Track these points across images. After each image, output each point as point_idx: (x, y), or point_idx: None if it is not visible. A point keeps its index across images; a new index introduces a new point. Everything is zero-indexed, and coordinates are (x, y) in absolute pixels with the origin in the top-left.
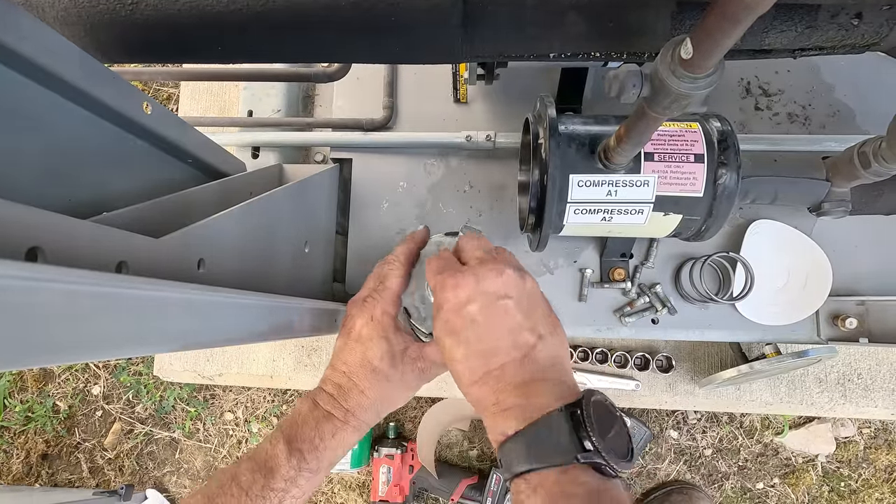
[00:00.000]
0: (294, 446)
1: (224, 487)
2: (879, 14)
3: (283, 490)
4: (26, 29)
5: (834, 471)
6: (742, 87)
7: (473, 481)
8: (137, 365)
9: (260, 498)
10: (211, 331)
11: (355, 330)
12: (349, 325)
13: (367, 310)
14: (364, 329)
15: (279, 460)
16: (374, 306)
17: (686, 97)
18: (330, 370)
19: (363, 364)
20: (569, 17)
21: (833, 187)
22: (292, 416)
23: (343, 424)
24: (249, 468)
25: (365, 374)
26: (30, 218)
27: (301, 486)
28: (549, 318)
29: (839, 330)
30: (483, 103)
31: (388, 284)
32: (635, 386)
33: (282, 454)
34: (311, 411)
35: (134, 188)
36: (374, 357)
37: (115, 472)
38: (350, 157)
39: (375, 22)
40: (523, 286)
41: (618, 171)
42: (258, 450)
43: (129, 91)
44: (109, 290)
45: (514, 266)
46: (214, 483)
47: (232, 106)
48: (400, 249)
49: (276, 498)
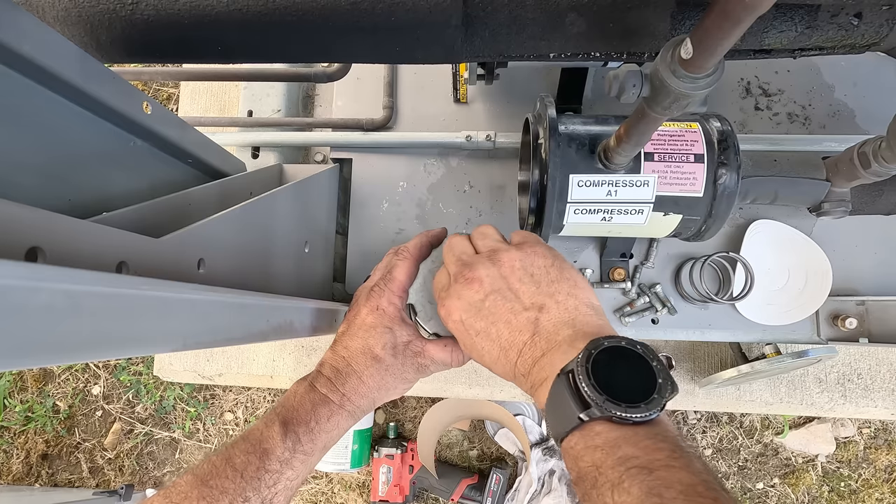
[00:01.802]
0: (290, 428)
1: (217, 469)
2: (879, 14)
3: (278, 472)
4: (26, 29)
5: (834, 471)
6: (742, 87)
7: (473, 481)
8: (137, 365)
9: (255, 479)
10: (211, 331)
11: (360, 317)
12: (354, 311)
13: (374, 298)
14: (369, 317)
15: (274, 441)
16: (380, 295)
17: (686, 97)
18: (330, 353)
19: (364, 351)
20: (569, 18)
21: (833, 187)
22: (287, 398)
23: (339, 409)
24: (243, 449)
25: (365, 361)
26: (30, 218)
27: (295, 469)
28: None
29: (839, 330)
30: (483, 103)
31: (396, 275)
32: None
33: (277, 435)
34: (307, 393)
35: (134, 188)
36: (377, 345)
37: (115, 472)
38: (350, 157)
39: (375, 22)
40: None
41: (618, 171)
42: (252, 431)
43: (129, 91)
44: (109, 290)
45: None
46: (207, 465)
47: (232, 106)
48: (413, 242)
49: (270, 479)
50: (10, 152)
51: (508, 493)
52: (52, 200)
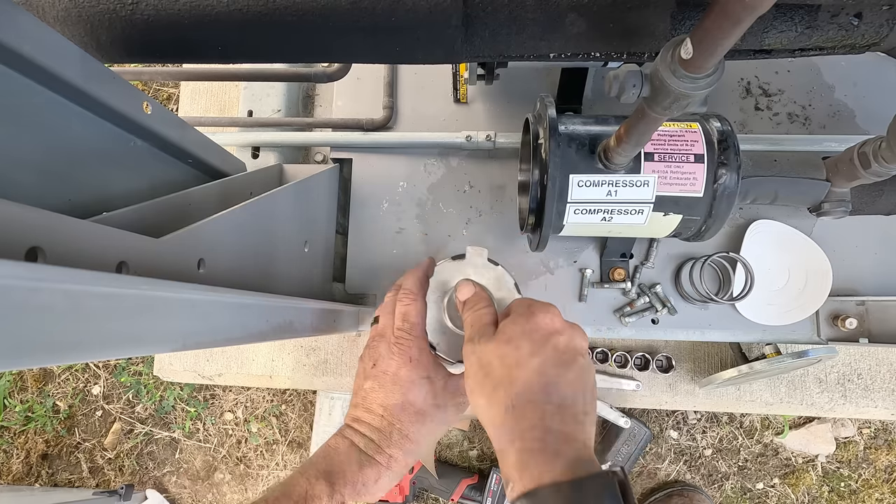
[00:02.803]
0: (336, 489)
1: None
2: (879, 14)
3: None
4: (26, 29)
5: (834, 471)
6: (742, 87)
7: (473, 481)
8: (137, 365)
9: None
10: (211, 331)
11: (391, 372)
12: (383, 367)
13: (403, 351)
14: (402, 370)
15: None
16: (409, 346)
17: (686, 97)
18: (364, 412)
19: (405, 408)
20: (569, 18)
21: (833, 187)
22: (329, 455)
23: (386, 469)
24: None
25: (408, 418)
26: (30, 218)
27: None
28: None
29: (839, 330)
30: (483, 103)
31: (414, 321)
32: (635, 386)
33: (324, 495)
34: (350, 452)
35: (134, 188)
36: (418, 399)
37: (115, 472)
38: (350, 157)
39: (375, 22)
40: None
41: (618, 171)
42: (293, 486)
43: (129, 91)
44: (109, 290)
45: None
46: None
47: (232, 106)
48: (410, 282)
49: None
50: (10, 152)
51: None
52: (52, 200)
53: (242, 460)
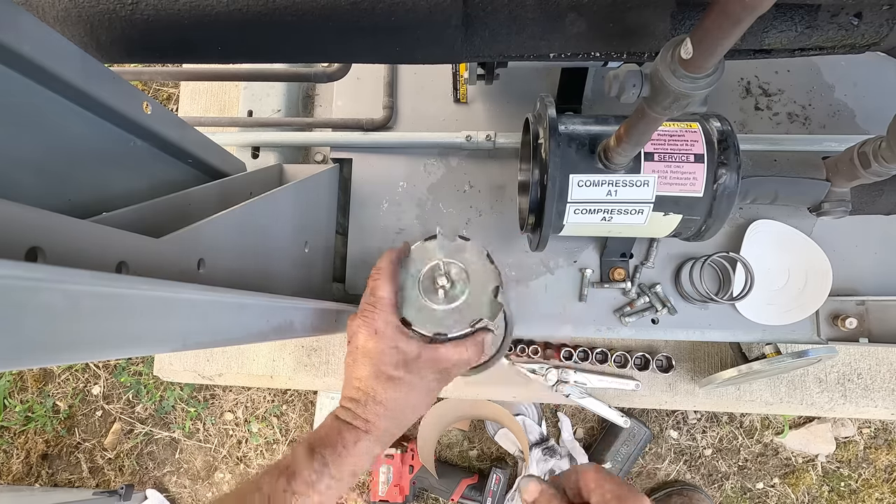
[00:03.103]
0: (316, 450)
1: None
2: (879, 14)
3: (305, 494)
4: (26, 29)
5: (834, 471)
6: (742, 87)
7: (473, 481)
8: (137, 365)
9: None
10: (211, 331)
11: (360, 345)
12: (355, 343)
13: (368, 323)
14: (369, 342)
15: (301, 464)
16: (373, 318)
17: (686, 97)
18: (345, 387)
19: (376, 375)
20: (569, 18)
21: (833, 187)
22: (316, 430)
23: (364, 434)
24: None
25: (381, 385)
26: (30, 218)
27: (322, 493)
28: None
29: (839, 330)
30: (483, 103)
31: (381, 294)
32: (635, 386)
33: (303, 457)
34: (332, 421)
35: (134, 188)
36: (388, 367)
37: (115, 472)
38: (350, 157)
39: (375, 22)
40: None
41: (618, 171)
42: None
43: (129, 91)
44: (109, 290)
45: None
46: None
47: (232, 106)
48: (382, 261)
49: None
50: (10, 152)
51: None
52: (52, 200)
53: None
